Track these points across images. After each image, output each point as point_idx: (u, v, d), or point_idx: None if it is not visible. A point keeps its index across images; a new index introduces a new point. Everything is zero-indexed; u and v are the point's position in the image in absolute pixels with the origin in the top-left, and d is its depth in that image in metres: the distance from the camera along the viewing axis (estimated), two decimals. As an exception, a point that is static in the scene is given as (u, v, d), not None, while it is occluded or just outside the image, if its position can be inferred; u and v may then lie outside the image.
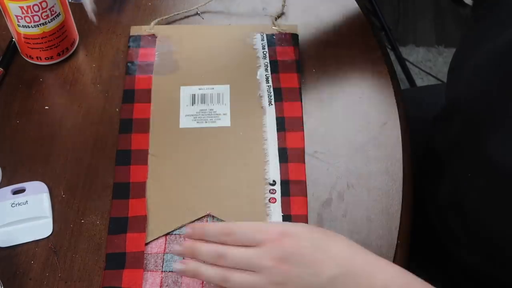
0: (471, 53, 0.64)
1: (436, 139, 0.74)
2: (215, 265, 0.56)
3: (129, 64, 0.79)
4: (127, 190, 0.69)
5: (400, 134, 0.74)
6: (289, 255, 0.55)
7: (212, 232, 0.58)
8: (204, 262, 0.57)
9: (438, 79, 1.76)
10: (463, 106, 0.65)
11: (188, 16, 0.85)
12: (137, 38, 0.82)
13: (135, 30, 0.83)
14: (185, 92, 0.77)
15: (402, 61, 1.68)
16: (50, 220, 0.67)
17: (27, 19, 0.74)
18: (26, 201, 0.68)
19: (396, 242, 0.66)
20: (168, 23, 0.85)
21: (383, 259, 0.57)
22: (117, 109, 0.76)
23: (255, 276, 0.55)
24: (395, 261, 0.65)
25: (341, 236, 0.58)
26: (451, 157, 0.69)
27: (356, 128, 0.74)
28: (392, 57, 1.66)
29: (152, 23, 0.83)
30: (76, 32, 0.82)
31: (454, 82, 0.68)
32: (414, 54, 1.85)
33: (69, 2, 0.78)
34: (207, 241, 0.58)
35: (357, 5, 0.85)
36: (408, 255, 0.66)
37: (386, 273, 0.55)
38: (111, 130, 0.74)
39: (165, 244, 0.66)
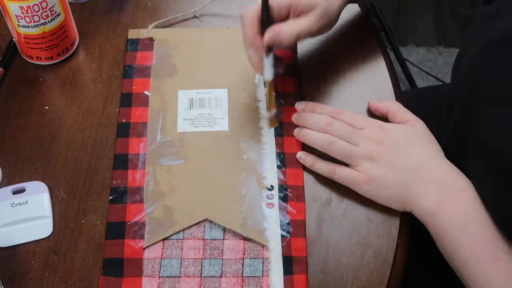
0: (474, 39, 0.66)
1: (441, 140, 0.74)
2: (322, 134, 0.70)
3: (126, 67, 0.79)
4: (125, 195, 0.69)
5: (400, 134, 0.74)
6: (386, 139, 0.68)
7: (321, 111, 0.72)
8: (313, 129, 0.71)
9: (438, 79, 1.75)
10: (463, 90, 0.67)
11: (186, 19, 0.85)
12: (135, 42, 0.82)
13: (132, 34, 0.83)
14: (183, 96, 0.77)
15: (402, 61, 1.68)
16: (50, 220, 0.67)
17: (27, 19, 0.74)
18: (26, 201, 0.68)
19: (396, 242, 0.66)
20: (166, 26, 0.84)
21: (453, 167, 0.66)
22: (117, 109, 0.76)
23: (354, 146, 0.68)
24: (395, 261, 0.65)
25: (421, 133, 0.69)
26: (454, 150, 0.69)
27: (356, 128, 0.74)
28: (392, 57, 1.65)
29: (150, 27, 0.83)
30: (76, 32, 0.82)
31: (457, 68, 0.70)
32: (414, 54, 1.85)
33: (69, 2, 0.78)
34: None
35: (357, 5, 0.85)
36: (408, 255, 0.66)
37: (451, 173, 0.66)
38: (111, 130, 0.74)
39: (163, 249, 0.65)
